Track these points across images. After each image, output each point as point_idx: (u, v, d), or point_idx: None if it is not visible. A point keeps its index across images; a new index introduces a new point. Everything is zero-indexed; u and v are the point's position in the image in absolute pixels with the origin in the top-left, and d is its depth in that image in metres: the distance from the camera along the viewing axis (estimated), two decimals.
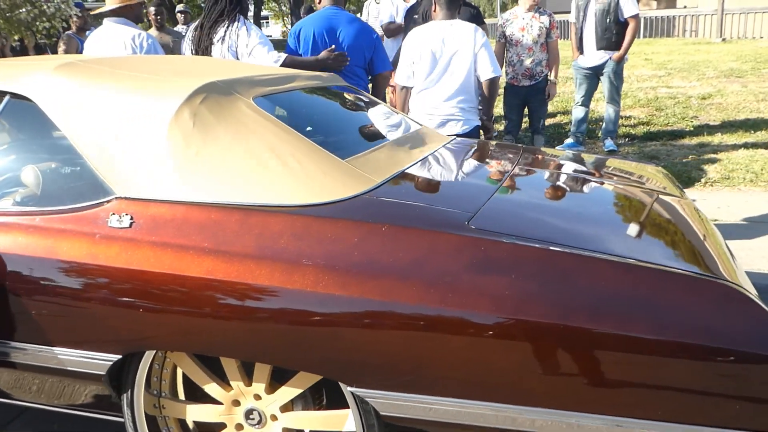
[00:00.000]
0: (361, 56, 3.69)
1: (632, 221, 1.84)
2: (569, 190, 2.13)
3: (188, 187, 1.75)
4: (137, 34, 3.91)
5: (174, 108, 1.83)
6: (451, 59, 3.37)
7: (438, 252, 1.54)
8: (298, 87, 2.39)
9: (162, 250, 1.68)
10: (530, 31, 5.21)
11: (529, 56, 5.22)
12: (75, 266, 1.74)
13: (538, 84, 5.30)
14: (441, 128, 3.35)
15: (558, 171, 2.41)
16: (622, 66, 5.82)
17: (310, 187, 1.75)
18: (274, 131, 1.87)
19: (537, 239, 1.55)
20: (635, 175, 2.51)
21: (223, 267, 1.62)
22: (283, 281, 1.57)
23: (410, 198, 1.77)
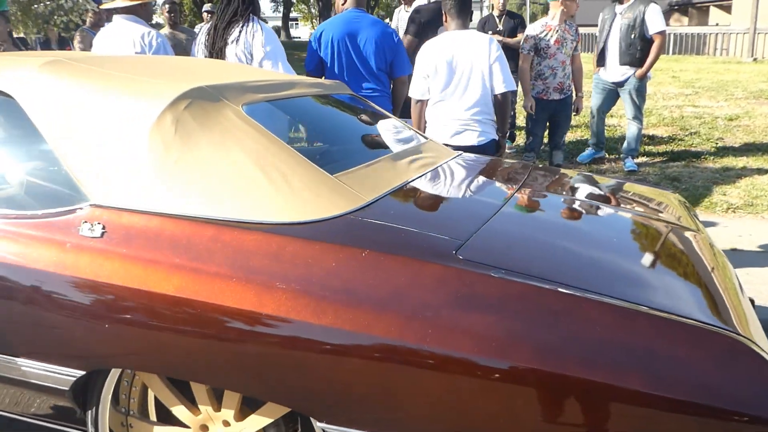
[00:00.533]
0: (383, 60, 3.62)
1: (639, 257, 1.71)
2: (574, 219, 1.99)
3: (164, 197, 1.66)
4: (147, 32, 3.84)
5: (156, 113, 1.74)
6: (468, 71, 3.28)
7: (420, 284, 1.42)
8: (296, 94, 2.29)
9: (132, 264, 1.59)
10: (565, 45, 5.09)
11: (562, 69, 5.11)
12: (42, 275, 1.66)
13: (566, 99, 5.19)
14: (457, 137, 3.27)
15: (565, 196, 2.28)
16: (645, 83, 5.67)
17: (291, 204, 1.64)
18: (259, 142, 1.77)
19: (529, 275, 1.43)
20: (649, 202, 2.37)
21: (192, 286, 1.52)
22: (254, 304, 1.47)
23: (398, 220, 1.65)
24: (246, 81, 2.08)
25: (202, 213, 1.62)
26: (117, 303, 1.58)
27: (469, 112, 3.28)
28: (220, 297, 1.49)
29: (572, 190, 2.37)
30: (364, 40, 3.54)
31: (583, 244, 1.74)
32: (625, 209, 2.20)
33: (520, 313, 1.36)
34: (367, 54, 3.55)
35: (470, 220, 1.74)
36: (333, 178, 1.77)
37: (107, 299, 1.59)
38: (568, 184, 2.46)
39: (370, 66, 3.57)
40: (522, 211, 1.96)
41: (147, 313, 1.55)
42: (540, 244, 1.68)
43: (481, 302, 1.38)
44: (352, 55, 3.55)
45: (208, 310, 1.50)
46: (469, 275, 1.42)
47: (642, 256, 1.73)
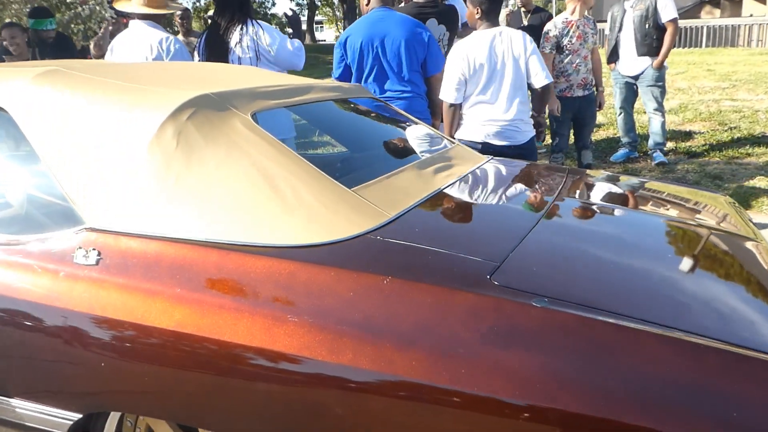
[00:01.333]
0: (415, 60, 3.41)
1: (699, 278, 1.50)
2: (620, 232, 1.77)
3: (164, 219, 1.50)
4: (165, 38, 3.72)
5: (156, 125, 1.58)
6: (505, 69, 3.18)
7: (450, 316, 1.23)
8: (311, 99, 2.12)
9: (129, 295, 1.43)
10: (587, 39, 4.91)
11: (584, 65, 4.94)
12: (34, 308, 1.51)
13: (590, 95, 4.99)
14: (501, 137, 3.20)
15: (607, 204, 2.06)
16: (663, 74, 5.53)
17: (304, 224, 1.47)
18: (269, 155, 1.60)
19: (577, 303, 1.23)
20: (700, 208, 2.15)
21: (195, 319, 1.36)
22: (263, 341, 1.30)
23: (424, 240, 1.47)
24: (256, 86, 1.91)
25: (206, 236, 1.46)
26: (113, 339, 1.42)
27: (511, 112, 3.20)
28: (225, 332, 1.32)
29: (614, 198, 2.15)
30: (392, 41, 3.34)
31: (634, 262, 1.53)
32: (675, 218, 1.98)
33: (567, 350, 1.16)
34: (397, 55, 3.35)
35: (505, 237, 1.55)
36: (351, 193, 1.59)
37: (103, 335, 1.43)
38: (609, 190, 2.24)
39: (401, 68, 3.37)
40: (562, 224, 1.76)
41: (146, 350, 1.39)
42: (586, 264, 1.48)
43: (521, 337, 1.18)
44: (381, 58, 3.35)
45: (212, 347, 1.33)
46: (506, 305, 1.22)
47: (703, 276, 1.51)
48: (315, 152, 2.23)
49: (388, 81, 3.39)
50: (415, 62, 3.36)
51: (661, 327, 1.17)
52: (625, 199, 2.13)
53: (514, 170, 2.33)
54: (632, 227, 1.83)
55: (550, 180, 2.24)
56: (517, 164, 2.44)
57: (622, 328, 1.17)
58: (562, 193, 2.01)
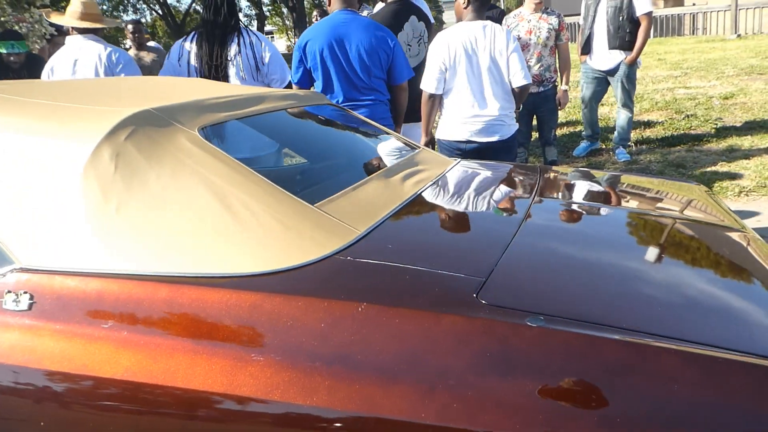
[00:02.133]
0: (377, 66, 3.23)
1: (700, 278, 1.39)
2: (606, 232, 1.65)
3: (105, 253, 1.32)
4: (113, 51, 3.55)
5: (90, 148, 1.41)
6: (489, 63, 3.11)
7: (436, 343, 1.09)
8: (266, 109, 1.96)
9: (69, 342, 1.25)
10: (538, 34, 4.80)
11: (537, 61, 4.80)
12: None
13: (546, 91, 4.86)
14: (484, 135, 3.14)
15: (587, 202, 1.95)
16: (635, 69, 5.44)
17: (264, 249, 1.31)
18: (220, 173, 1.44)
19: (576, 318, 1.10)
20: (681, 201, 2.06)
21: (145, 365, 1.19)
22: (224, 385, 1.14)
23: (400, 256, 1.33)
24: (203, 99, 1.75)
25: (154, 270, 1.29)
26: (52, 393, 1.25)
27: (495, 106, 3.14)
28: (180, 378, 1.16)
29: (593, 195, 2.05)
30: (353, 46, 3.15)
31: (628, 265, 1.41)
32: (659, 214, 1.88)
33: (573, 375, 1.03)
34: (359, 61, 3.17)
35: (486, 247, 1.42)
36: (314, 209, 1.44)
37: (39, 389, 1.25)
38: (586, 187, 2.14)
39: (363, 74, 3.19)
40: (545, 228, 1.64)
41: (91, 403, 1.22)
42: (579, 272, 1.35)
43: (518, 363, 1.05)
44: (342, 63, 3.16)
45: (166, 395, 1.16)
46: (497, 327, 1.09)
47: (703, 276, 1.41)
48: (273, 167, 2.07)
49: (349, 87, 3.22)
50: (378, 69, 3.18)
51: (673, 340, 1.05)
52: (604, 196, 2.03)
53: (485, 172, 2.21)
54: (617, 226, 1.72)
55: (524, 180, 2.13)
56: (487, 166, 2.32)
57: (633, 346, 1.05)
58: (539, 193, 1.89)
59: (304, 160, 2.08)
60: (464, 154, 3.13)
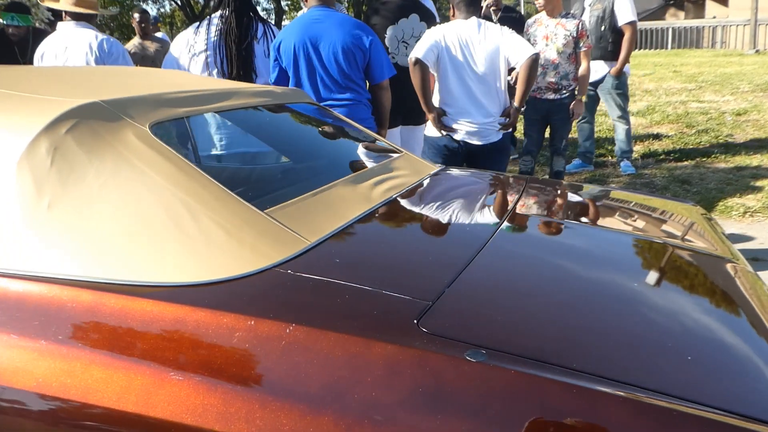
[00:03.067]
0: (353, 65, 3.09)
1: (673, 318, 1.27)
2: (584, 257, 1.52)
3: (31, 252, 1.24)
4: (105, 39, 3.48)
5: (27, 140, 1.32)
6: (483, 62, 3.04)
7: (366, 373, 0.99)
8: (234, 106, 1.87)
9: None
10: (554, 40, 4.57)
11: (552, 68, 4.55)
12: None
13: (562, 99, 4.62)
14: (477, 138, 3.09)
15: (569, 221, 1.84)
16: (624, 80, 5.31)
17: (198, 257, 1.22)
18: (166, 172, 1.35)
19: (525, 356, 1.00)
20: (670, 221, 1.94)
21: (59, 378, 1.10)
22: (140, 406, 1.04)
23: (345, 273, 1.23)
24: (163, 92, 1.66)
25: (81, 273, 1.20)
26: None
27: (487, 111, 3.08)
28: (94, 395, 1.07)
29: (577, 213, 1.94)
30: (328, 44, 3.03)
31: (602, 297, 1.30)
32: (645, 237, 1.77)
33: (508, 419, 0.93)
34: (334, 61, 3.04)
35: (444, 267, 1.31)
36: (262, 216, 1.35)
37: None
38: (572, 204, 2.03)
39: (338, 74, 3.06)
40: (515, 249, 1.53)
41: (6, 418, 1.13)
42: (542, 301, 1.24)
43: (451, 401, 0.95)
44: (315, 63, 3.04)
45: (80, 414, 1.07)
46: (432, 359, 0.99)
47: (682, 313, 1.28)
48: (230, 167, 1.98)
49: (324, 87, 3.09)
50: (354, 68, 3.04)
51: (632, 388, 0.95)
52: (590, 215, 1.92)
53: (464, 182, 2.11)
54: (599, 250, 1.60)
55: (504, 194, 2.02)
56: (471, 175, 2.22)
57: (583, 392, 0.94)
58: (516, 209, 1.78)
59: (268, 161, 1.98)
60: (453, 154, 3.03)
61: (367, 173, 1.86)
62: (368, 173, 1.86)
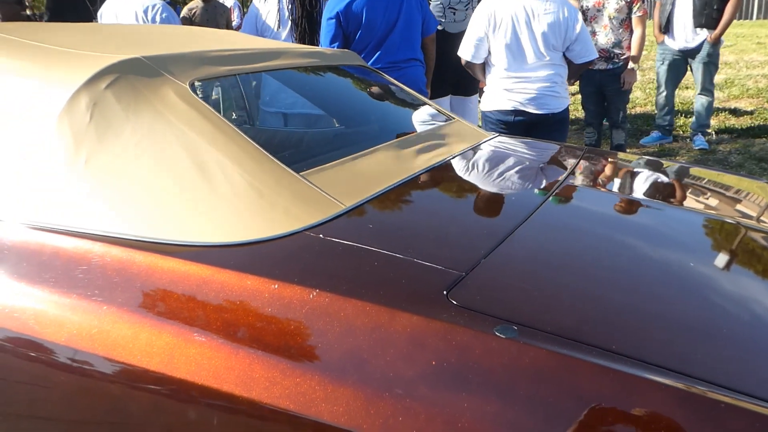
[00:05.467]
0: (418, 23, 3.09)
1: (732, 302, 1.16)
2: (638, 233, 1.42)
3: (68, 207, 1.24)
4: (151, 6, 3.45)
5: (67, 94, 1.32)
6: (545, 29, 2.88)
7: (390, 345, 0.95)
8: (279, 66, 1.83)
9: (18, 300, 1.18)
10: (607, 6, 4.37)
11: (604, 34, 4.37)
12: None
13: (615, 69, 4.43)
14: (534, 106, 2.95)
15: (625, 196, 1.73)
16: (718, 50, 4.99)
17: (230, 218, 1.19)
18: (202, 130, 1.32)
19: (560, 334, 0.93)
20: (747, 202, 1.80)
21: (90, 334, 1.10)
22: (164, 365, 1.03)
23: (378, 239, 1.18)
24: (207, 50, 1.63)
25: (114, 229, 1.20)
26: (6, 354, 1.18)
27: (545, 74, 2.93)
28: (120, 352, 1.06)
29: (636, 187, 1.82)
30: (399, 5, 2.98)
31: (655, 277, 1.20)
32: (711, 214, 1.64)
33: (537, 402, 0.86)
34: (405, 21, 2.99)
35: (482, 237, 1.25)
36: (297, 178, 1.31)
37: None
38: (631, 178, 1.90)
39: (409, 34, 3.03)
40: (562, 220, 1.44)
41: (31, 367, 1.15)
42: (585, 278, 1.15)
43: (476, 379, 0.89)
44: (387, 25, 2.97)
45: (105, 368, 1.07)
46: (459, 333, 0.93)
47: (747, 300, 1.18)
48: (271, 128, 1.94)
49: (393, 50, 3.04)
50: (418, 26, 3.03)
51: (678, 376, 0.87)
52: (649, 189, 1.80)
53: (515, 150, 2.01)
54: (655, 227, 1.49)
55: (557, 164, 1.92)
56: (523, 144, 2.11)
57: (621, 377, 0.87)
58: (568, 180, 1.69)
59: (313, 123, 1.94)
60: (510, 128, 2.92)
61: (414, 139, 1.79)
62: (415, 139, 1.79)
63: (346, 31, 3.02)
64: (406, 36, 3.05)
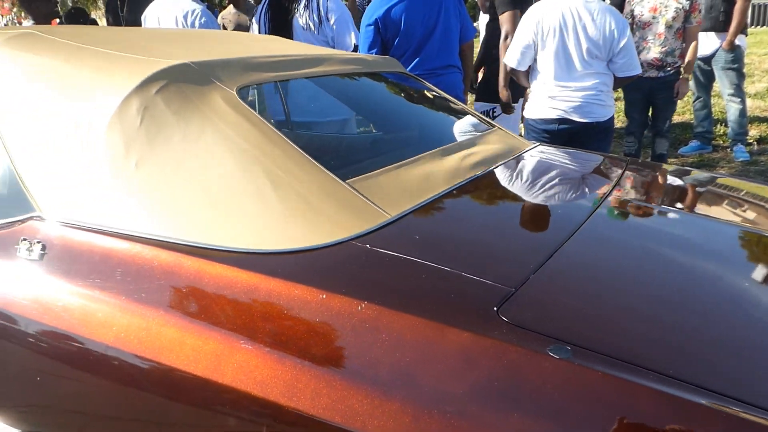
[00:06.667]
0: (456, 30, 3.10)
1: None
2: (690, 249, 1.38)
3: (117, 210, 1.26)
4: (191, 10, 3.49)
5: (119, 99, 1.34)
6: (589, 37, 2.86)
7: (439, 361, 0.94)
8: (323, 72, 1.83)
9: (68, 298, 1.20)
10: (664, 13, 4.20)
11: (659, 43, 4.21)
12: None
13: (667, 77, 4.28)
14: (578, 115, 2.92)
15: (674, 209, 1.69)
16: (739, 54, 4.85)
17: (276, 225, 1.19)
18: (249, 136, 1.33)
19: (615, 356, 0.91)
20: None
21: (137, 336, 1.11)
22: (209, 371, 1.04)
23: (425, 251, 1.17)
24: (252, 56, 1.64)
25: (162, 233, 1.21)
26: (46, 348, 1.20)
27: (591, 82, 2.89)
28: (168, 356, 1.07)
29: (684, 201, 1.78)
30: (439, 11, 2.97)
31: (709, 296, 1.17)
32: (762, 230, 1.60)
33: (593, 425, 0.84)
34: (445, 28, 2.99)
35: (530, 252, 1.23)
36: (343, 186, 1.31)
37: (39, 346, 1.21)
38: (679, 191, 1.87)
39: (449, 41, 3.04)
40: (611, 235, 1.42)
41: (78, 366, 1.16)
42: (638, 296, 1.13)
43: (528, 399, 0.88)
44: (434, 29, 2.98)
45: (152, 370, 1.08)
46: (511, 352, 0.91)
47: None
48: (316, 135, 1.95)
49: (433, 56, 3.04)
50: (456, 33, 3.02)
51: (740, 405, 0.84)
52: (694, 202, 1.76)
53: (559, 161, 1.98)
54: (704, 242, 1.46)
55: (602, 175, 1.89)
56: (567, 154, 2.09)
57: (681, 403, 0.84)
58: (614, 192, 1.66)
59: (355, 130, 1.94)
60: (554, 137, 2.89)
61: (456, 147, 1.78)
62: (457, 147, 1.78)
63: (384, 38, 3.02)
64: (444, 43, 3.05)
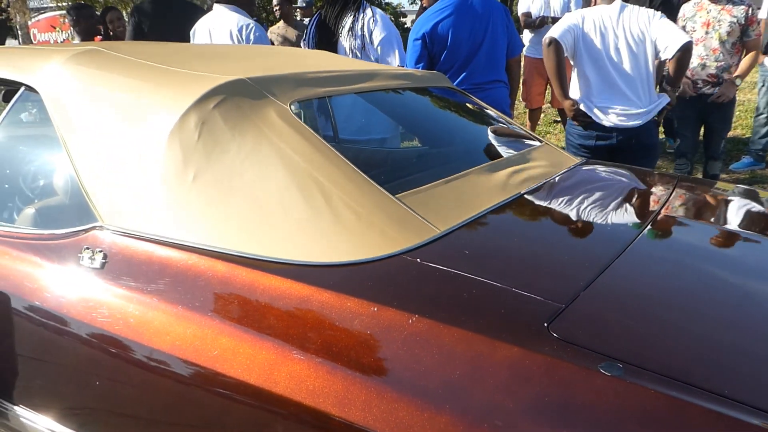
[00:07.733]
0: (504, 44, 3.12)
1: None
2: (745, 269, 1.37)
3: (175, 221, 1.30)
4: (245, 25, 3.53)
5: (178, 114, 1.39)
6: (626, 44, 2.82)
7: (489, 375, 0.94)
8: (374, 88, 1.86)
9: (127, 306, 1.25)
10: (716, 27, 4.01)
11: (714, 58, 4.03)
12: (37, 311, 1.37)
13: None
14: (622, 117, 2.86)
15: (730, 228, 1.66)
16: None
17: (328, 238, 1.22)
18: (302, 150, 1.36)
19: (663, 373, 0.90)
20: None
21: (193, 344, 1.15)
22: (263, 380, 1.06)
23: (475, 266, 1.18)
24: (304, 71, 1.68)
25: (215, 244, 1.25)
26: (107, 357, 1.25)
27: (635, 98, 2.84)
28: (222, 364, 1.11)
29: (739, 220, 1.74)
30: (493, 22, 3.00)
31: (761, 317, 1.15)
32: None
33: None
34: (495, 39, 3.02)
35: (580, 268, 1.22)
36: (393, 200, 1.33)
37: (97, 353, 1.26)
38: (726, 208, 1.83)
39: (496, 55, 3.06)
40: (662, 252, 1.40)
41: (136, 372, 1.21)
42: (692, 314, 1.12)
43: (579, 416, 0.88)
44: (479, 43, 3.00)
45: (208, 379, 1.12)
46: (561, 368, 0.92)
47: None
48: (367, 149, 1.97)
49: (481, 71, 3.06)
50: (504, 47, 3.04)
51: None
52: (748, 221, 1.72)
53: (609, 177, 1.97)
54: (758, 262, 1.43)
55: (652, 192, 1.86)
56: (616, 170, 2.07)
57: (736, 425, 0.83)
58: (665, 209, 1.64)
59: (404, 145, 1.96)
60: (593, 152, 2.85)
61: (504, 162, 1.78)
62: (505, 162, 1.78)
63: (431, 52, 3.04)
64: (491, 57, 3.06)
